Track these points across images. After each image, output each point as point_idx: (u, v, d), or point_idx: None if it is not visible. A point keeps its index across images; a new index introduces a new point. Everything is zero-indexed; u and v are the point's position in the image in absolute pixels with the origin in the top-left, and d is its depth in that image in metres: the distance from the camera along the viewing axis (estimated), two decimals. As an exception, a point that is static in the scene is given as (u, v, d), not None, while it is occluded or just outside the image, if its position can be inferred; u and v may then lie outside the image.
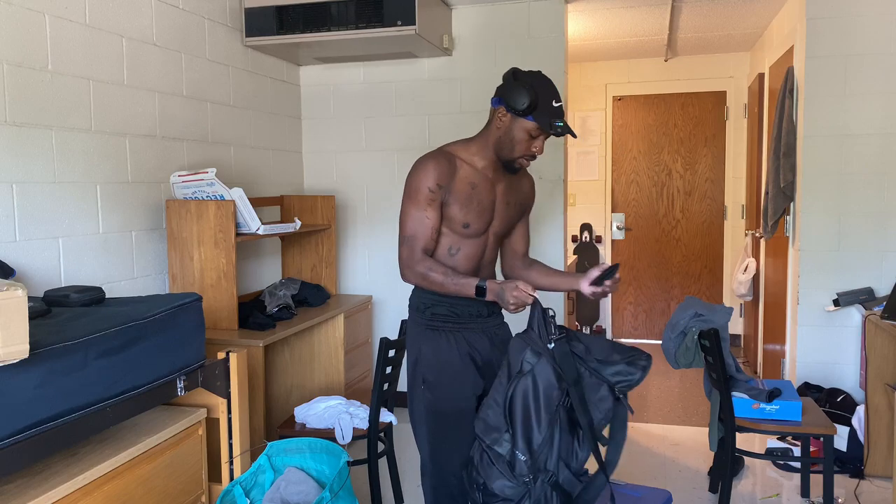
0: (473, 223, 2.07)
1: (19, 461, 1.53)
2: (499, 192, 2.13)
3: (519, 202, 2.22)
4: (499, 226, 2.16)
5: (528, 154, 2.05)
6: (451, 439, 2.09)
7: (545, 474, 1.91)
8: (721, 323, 2.84)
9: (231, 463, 2.26)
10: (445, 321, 2.12)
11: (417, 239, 2.04)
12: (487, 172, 2.10)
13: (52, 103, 2.42)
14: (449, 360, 2.10)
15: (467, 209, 2.05)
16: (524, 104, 1.97)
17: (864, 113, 3.49)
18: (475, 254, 2.13)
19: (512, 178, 2.17)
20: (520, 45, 3.95)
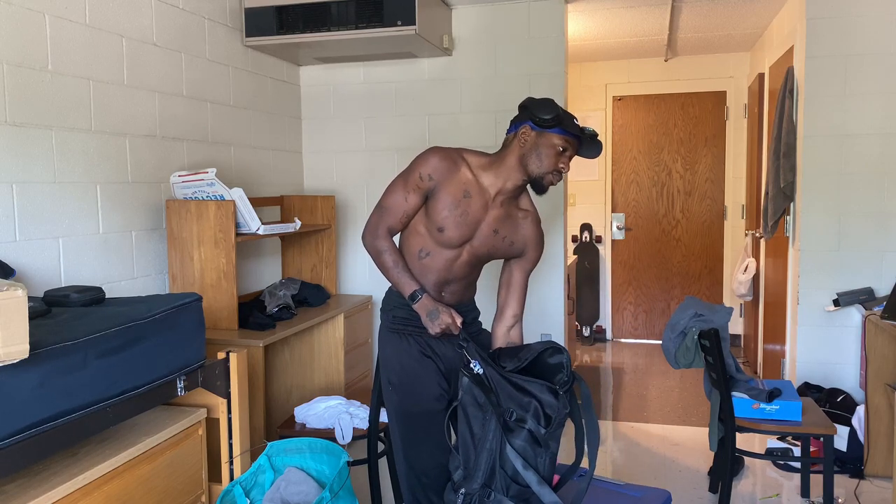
0: (449, 230, 2.04)
1: (19, 461, 1.53)
2: (490, 215, 2.09)
3: (511, 239, 2.13)
4: (479, 246, 2.10)
5: (555, 169, 2.03)
6: (420, 440, 2.11)
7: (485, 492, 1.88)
8: (721, 323, 2.84)
9: (231, 463, 2.26)
10: (406, 324, 2.13)
11: (389, 213, 2.08)
12: (488, 191, 2.07)
13: (52, 103, 2.42)
14: (409, 363, 2.12)
15: (448, 212, 2.03)
16: (551, 115, 2.00)
17: (864, 113, 3.49)
18: (444, 265, 2.10)
19: (513, 214, 2.12)
20: (520, 45, 3.95)
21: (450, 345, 2.12)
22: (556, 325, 4.08)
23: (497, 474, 1.86)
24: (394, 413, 2.17)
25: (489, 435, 1.87)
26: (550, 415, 1.84)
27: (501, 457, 1.85)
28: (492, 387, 1.89)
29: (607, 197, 6.03)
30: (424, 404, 2.10)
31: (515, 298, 2.17)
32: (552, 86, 3.93)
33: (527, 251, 2.16)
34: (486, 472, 1.87)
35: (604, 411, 4.33)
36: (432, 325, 2.05)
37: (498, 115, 4.02)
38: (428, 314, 2.04)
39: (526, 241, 2.14)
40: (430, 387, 2.09)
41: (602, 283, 6.08)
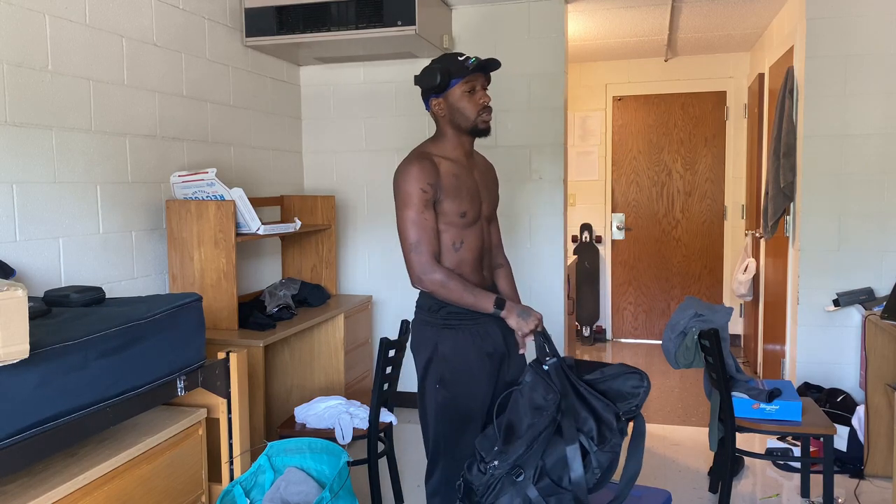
0: (469, 210, 2.13)
1: (19, 461, 1.53)
2: (477, 177, 2.22)
3: (495, 181, 2.32)
4: (487, 210, 2.24)
5: (480, 108, 2.13)
6: (463, 439, 2.11)
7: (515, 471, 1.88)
8: (721, 323, 2.84)
9: (231, 463, 2.26)
10: (462, 319, 2.13)
11: (423, 243, 2.06)
12: (462, 161, 2.18)
13: (52, 103, 2.42)
14: (468, 359, 2.13)
15: (460, 199, 2.11)
16: (438, 77, 2.09)
17: (864, 113, 3.49)
18: (477, 244, 2.17)
19: (479, 163, 2.26)
20: (520, 45, 3.95)
21: (498, 329, 2.15)
22: (557, 325, 4.08)
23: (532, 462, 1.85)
24: (437, 411, 2.14)
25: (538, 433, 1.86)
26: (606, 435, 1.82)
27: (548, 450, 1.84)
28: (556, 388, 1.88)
29: (607, 197, 6.03)
30: (474, 400, 2.13)
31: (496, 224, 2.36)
32: (552, 86, 3.93)
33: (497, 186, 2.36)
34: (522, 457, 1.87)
35: (604, 411, 4.32)
36: (526, 323, 2.05)
37: (498, 115, 4.02)
38: (519, 314, 2.06)
39: (496, 179, 2.34)
40: (483, 383, 2.14)
41: (602, 283, 6.08)
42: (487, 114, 2.15)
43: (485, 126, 2.15)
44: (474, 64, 2.11)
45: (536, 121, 3.98)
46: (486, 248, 2.24)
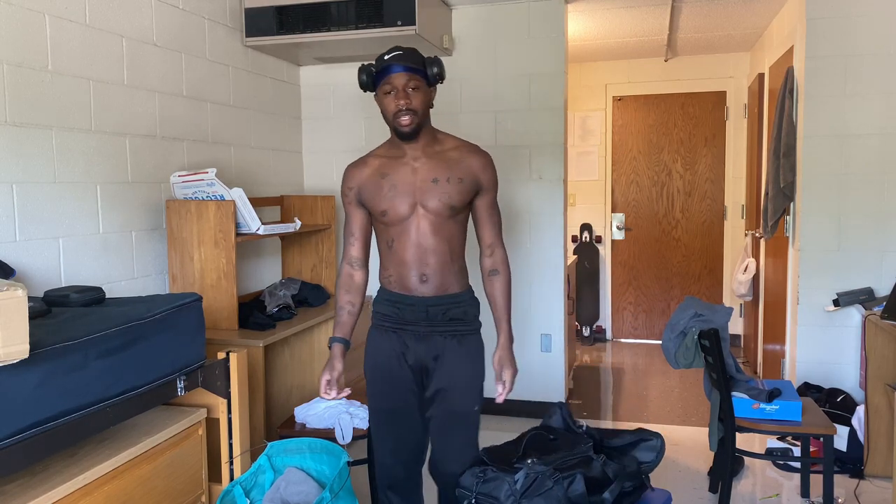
0: (390, 209, 2.07)
1: (19, 461, 1.53)
2: (422, 171, 2.08)
3: (457, 177, 2.07)
4: (428, 202, 2.05)
5: (394, 112, 2.01)
6: (383, 435, 2.19)
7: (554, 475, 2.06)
8: (721, 323, 2.83)
9: (231, 463, 2.26)
10: (384, 320, 2.18)
11: (346, 234, 2.20)
12: (405, 157, 2.10)
13: (52, 103, 2.42)
14: (383, 360, 2.18)
15: (379, 198, 2.08)
16: (363, 79, 2.06)
17: (864, 113, 3.49)
18: (409, 242, 2.08)
19: (445, 156, 2.09)
20: (520, 45, 3.95)
21: (424, 344, 2.12)
22: (556, 325, 4.08)
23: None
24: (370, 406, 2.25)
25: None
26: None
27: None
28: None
29: (607, 197, 6.03)
30: (391, 401, 2.17)
31: (484, 228, 2.17)
32: (552, 86, 3.93)
33: (480, 180, 2.12)
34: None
35: (604, 411, 4.33)
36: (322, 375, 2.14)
37: (498, 115, 4.03)
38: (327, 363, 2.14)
39: (473, 171, 2.10)
40: (399, 383, 2.15)
41: (602, 283, 6.08)
42: (402, 116, 2.00)
43: (402, 129, 2.02)
44: (382, 60, 2.02)
45: (536, 121, 3.98)
46: (432, 248, 2.08)
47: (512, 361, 2.18)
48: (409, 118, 2.00)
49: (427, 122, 2.08)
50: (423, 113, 2.04)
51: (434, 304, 2.10)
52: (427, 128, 2.09)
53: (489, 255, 2.19)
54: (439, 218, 2.07)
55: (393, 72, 2.00)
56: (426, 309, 2.10)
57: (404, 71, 2.00)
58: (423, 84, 2.03)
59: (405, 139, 2.05)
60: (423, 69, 2.03)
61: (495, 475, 2.05)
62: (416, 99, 2.01)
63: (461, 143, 2.15)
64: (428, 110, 2.08)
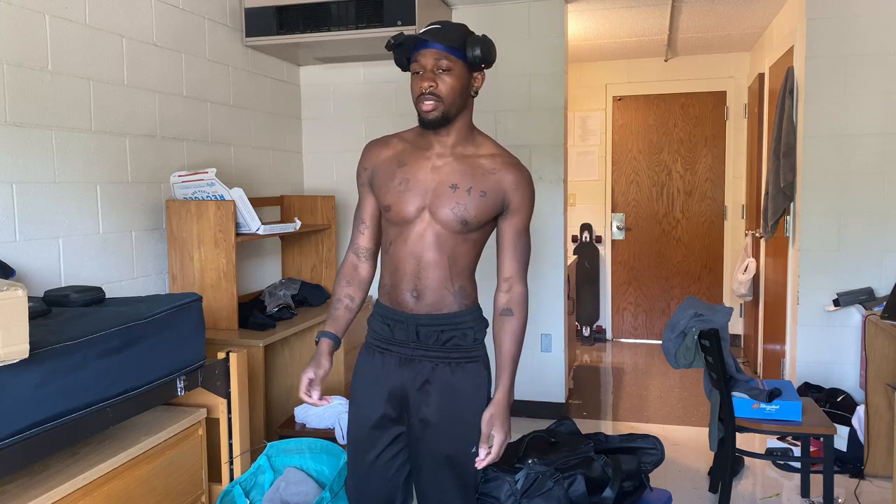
0: (395, 205, 1.77)
1: (19, 461, 1.53)
2: (442, 171, 1.77)
3: (480, 189, 1.75)
4: (439, 211, 1.74)
5: (417, 94, 1.73)
6: (353, 463, 1.90)
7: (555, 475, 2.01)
8: (721, 323, 2.83)
9: (231, 463, 2.25)
10: (374, 337, 1.89)
11: (355, 225, 1.93)
12: (429, 151, 1.80)
13: (52, 103, 2.42)
14: (362, 383, 1.88)
15: (388, 188, 1.79)
16: (397, 56, 1.80)
17: (864, 113, 3.49)
18: (406, 249, 1.78)
19: (475, 163, 1.78)
20: (520, 45, 3.95)
21: (409, 369, 1.81)
22: (556, 325, 4.08)
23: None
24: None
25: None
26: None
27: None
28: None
29: (607, 197, 6.03)
30: (363, 427, 1.85)
31: (504, 257, 1.82)
32: (552, 86, 3.93)
33: (508, 199, 1.78)
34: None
35: (604, 411, 4.33)
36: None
37: (498, 115, 4.02)
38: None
39: (502, 187, 1.76)
40: (373, 409, 1.83)
41: (602, 283, 6.08)
42: (425, 101, 1.71)
43: (424, 116, 1.73)
44: (410, 41, 1.73)
45: (536, 121, 3.98)
46: (430, 262, 1.77)
47: (505, 423, 1.76)
48: (431, 103, 1.70)
49: (462, 115, 1.77)
50: (454, 101, 1.72)
51: (426, 323, 1.79)
52: (462, 122, 1.78)
53: (506, 290, 1.81)
54: (448, 231, 1.76)
55: (422, 48, 1.71)
56: (416, 329, 1.79)
57: (435, 48, 1.70)
58: (458, 66, 1.71)
59: (428, 128, 1.75)
60: (461, 49, 1.70)
61: (496, 475, 2.05)
62: (444, 82, 1.70)
63: (500, 151, 1.82)
64: (464, 100, 1.75)
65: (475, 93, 1.79)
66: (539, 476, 2.03)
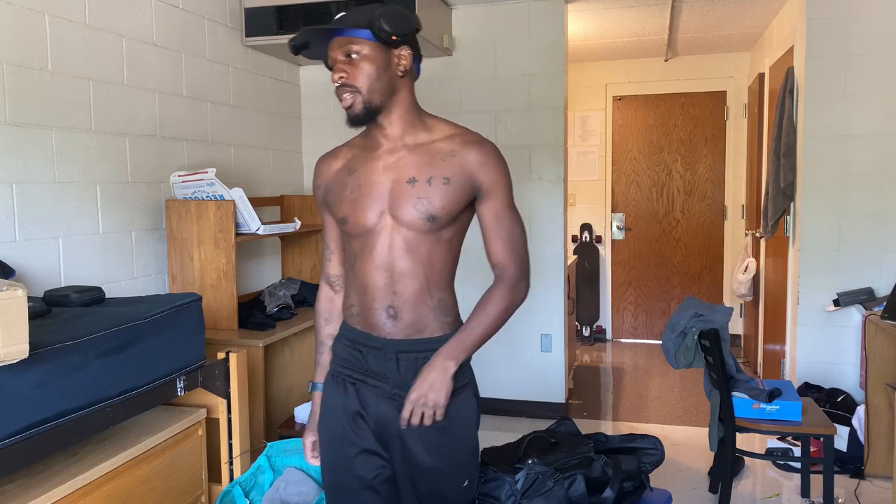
0: (350, 215, 1.56)
1: (19, 461, 1.53)
2: (396, 167, 1.55)
3: (442, 177, 1.52)
4: (406, 214, 1.52)
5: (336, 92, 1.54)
6: None
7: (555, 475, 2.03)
8: (721, 323, 2.83)
9: (231, 463, 2.25)
10: (344, 366, 1.62)
11: (323, 252, 1.74)
12: (378, 149, 1.59)
13: (52, 103, 2.42)
14: (335, 423, 1.61)
15: (340, 199, 1.59)
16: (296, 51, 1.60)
17: (864, 113, 3.49)
18: (373, 262, 1.55)
19: (433, 149, 1.55)
20: (520, 45, 3.95)
21: (390, 405, 1.56)
22: (556, 325, 4.08)
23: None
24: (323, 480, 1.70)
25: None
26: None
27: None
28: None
29: (607, 197, 6.03)
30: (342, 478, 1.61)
31: (488, 242, 1.58)
32: (552, 86, 3.93)
33: (476, 181, 1.54)
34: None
35: (604, 411, 4.33)
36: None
37: (498, 115, 4.02)
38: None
39: (466, 169, 1.53)
40: (352, 458, 1.58)
41: (602, 283, 6.08)
42: (342, 96, 1.51)
43: (347, 113, 1.53)
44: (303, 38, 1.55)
45: (536, 121, 3.98)
46: (403, 271, 1.53)
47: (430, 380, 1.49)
48: (348, 96, 1.50)
49: (396, 101, 1.55)
50: (373, 88, 1.50)
51: (407, 349, 1.55)
52: (401, 109, 1.57)
53: (498, 274, 1.58)
54: (416, 233, 1.53)
55: (330, 40, 1.53)
56: (396, 356, 1.55)
57: (340, 36, 1.50)
58: (369, 48, 1.49)
59: (355, 125, 1.54)
60: (368, 27, 1.47)
61: (496, 475, 2.05)
62: (357, 69, 1.49)
63: (457, 130, 1.59)
64: (389, 84, 1.52)
65: (404, 72, 1.54)
66: (539, 476, 2.03)
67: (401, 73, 1.54)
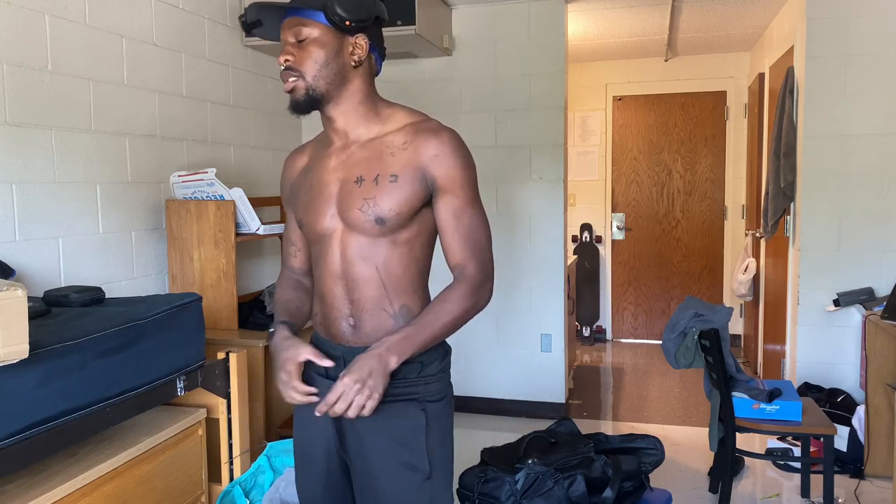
0: (304, 217, 1.47)
1: (19, 461, 1.53)
2: (345, 166, 1.43)
3: (390, 174, 1.38)
4: (353, 216, 1.39)
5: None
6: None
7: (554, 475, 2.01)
8: (721, 323, 2.83)
9: (231, 463, 2.25)
10: (312, 366, 1.49)
11: (285, 248, 1.64)
12: (331, 146, 1.48)
13: (52, 103, 2.42)
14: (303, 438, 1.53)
15: (297, 200, 1.50)
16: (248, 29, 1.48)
17: (864, 113, 3.49)
18: (329, 269, 1.44)
19: (382, 141, 1.42)
20: (520, 45, 3.95)
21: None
22: (556, 325, 4.08)
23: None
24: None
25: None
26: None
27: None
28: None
29: (607, 197, 6.03)
30: (305, 494, 1.54)
31: (446, 244, 1.43)
32: (552, 86, 3.93)
33: (430, 175, 1.38)
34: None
35: (604, 411, 4.33)
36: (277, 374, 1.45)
37: (498, 115, 4.02)
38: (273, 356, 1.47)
39: (417, 163, 1.37)
40: (313, 468, 1.51)
41: (602, 283, 6.08)
42: (285, 80, 1.40)
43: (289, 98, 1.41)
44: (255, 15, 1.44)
45: (536, 121, 3.98)
46: (358, 278, 1.41)
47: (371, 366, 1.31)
48: (291, 80, 1.39)
49: (345, 92, 1.42)
50: (318, 75, 1.38)
51: None
52: (351, 101, 1.42)
53: (455, 276, 1.43)
54: (367, 237, 1.40)
55: (284, 20, 1.41)
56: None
57: (292, 17, 1.39)
58: (320, 32, 1.37)
59: (295, 112, 1.42)
60: (321, 9, 1.36)
61: (496, 475, 2.05)
62: (303, 54, 1.38)
63: (413, 119, 1.44)
64: (338, 73, 1.39)
65: (358, 62, 1.41)
66: (539, 476, 2.03)
67: (354, 62, 1.40)
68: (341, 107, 1.42)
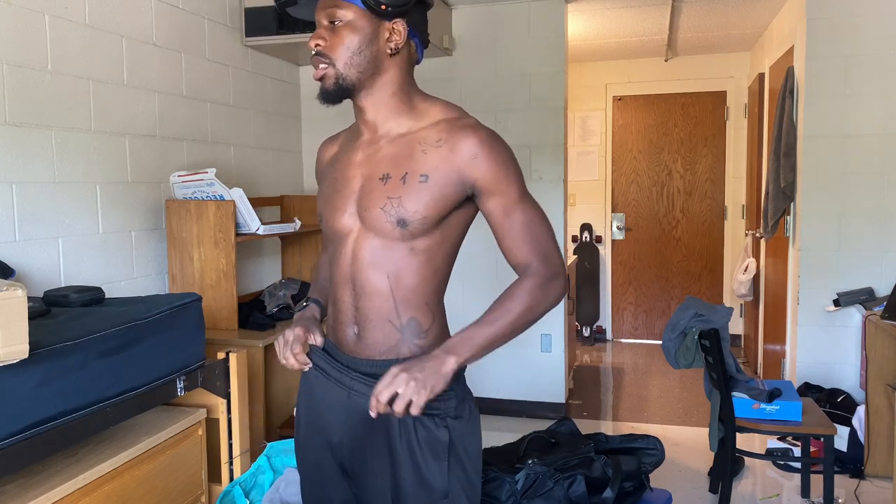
0: (323, 213, 1.40)
1: (19, 461, 1.53)
2: (372, 161, 1.34)
3: (420, 173, 1.27)
4: (372, 217, 1.29)
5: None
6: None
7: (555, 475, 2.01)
8: (721, 323, 2.83)
9: (231, 463, 2.25)
10: (313, 352, 1.45)
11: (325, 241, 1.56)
12: (359, 139, 1.40)
13: (52, 103, 2.42)
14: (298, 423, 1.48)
15: (320, 193, 1.44)
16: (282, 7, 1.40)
17: (864, 113, 3.49)
18: (341, 272, 1.36)
19: (414, 137, 1.31)
20: (520, 45, 3.95)
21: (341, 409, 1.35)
22: (557, 325, 4.08)
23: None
24: None
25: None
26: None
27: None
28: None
29: (607, 197, 6.03)
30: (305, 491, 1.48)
31: (504, 244, 1.32)
32: (552, 86, 3.93)
33: (468, 177, 1.27)
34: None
35: (604, 411, 4.33)
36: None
37: (498, 115, 4.02)
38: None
39: (454, 163, 1.26)
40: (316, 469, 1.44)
41: (602, 283, 6.08)
42: (316, 66, 1.32)
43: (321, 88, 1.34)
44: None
45: (536, 121, 3.98)
46: (368, 286, 1.32)
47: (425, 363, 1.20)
48: (322, 69, 1.31)
49: (379, 82, 1.32)
50: (350, 62, 1.29)
51: (367, 372, 1.34)
52: (384, 92, 1.33)
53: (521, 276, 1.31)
54: (384, 240, 1.29)
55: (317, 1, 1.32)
56: (349, 377, 1.37)
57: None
58: (355, 15, 1.28)
59: (325, 101, 1.35)
60: None
61: (496, 475, 2.05)
62: (335, 38, 1.28)
63: (448, 115, 1.33)
64: (372, 60, 1.30)
65: (395, 50, 1.30)
66: (539, 476, 2.03)
67: (390, 50, 1.30)
68: (372, 97, 1.33)
